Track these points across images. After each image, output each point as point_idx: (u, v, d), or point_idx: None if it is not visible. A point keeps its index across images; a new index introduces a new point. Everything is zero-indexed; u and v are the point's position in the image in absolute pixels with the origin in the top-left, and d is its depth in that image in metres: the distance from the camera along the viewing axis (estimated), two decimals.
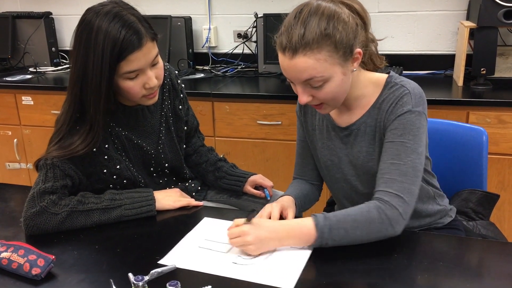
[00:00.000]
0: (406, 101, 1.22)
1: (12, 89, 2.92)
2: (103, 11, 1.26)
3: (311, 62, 1.14)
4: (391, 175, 1.19)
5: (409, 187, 1.18)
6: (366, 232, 1.15)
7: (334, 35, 1.14)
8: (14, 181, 3.07)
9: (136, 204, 1.38)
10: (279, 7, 2.93)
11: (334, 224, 1.14)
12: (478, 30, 2.36)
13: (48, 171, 1.33)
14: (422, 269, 1.09)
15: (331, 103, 1.25)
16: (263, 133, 2.57)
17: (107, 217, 1.34)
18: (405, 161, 1.19)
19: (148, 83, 1.32)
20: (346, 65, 1.19)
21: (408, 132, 1.21)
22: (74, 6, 3.34)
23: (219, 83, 2.80)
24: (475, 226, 1.48)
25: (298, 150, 1.53)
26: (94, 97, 1.29)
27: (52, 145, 1.34)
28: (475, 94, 2.35)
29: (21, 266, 1.09)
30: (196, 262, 1.14)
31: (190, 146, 1.71)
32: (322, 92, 1.20)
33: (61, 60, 3.35)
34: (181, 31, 2.99)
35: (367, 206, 1.18)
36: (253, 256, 1.16)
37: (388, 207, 1.16)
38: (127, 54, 1.25)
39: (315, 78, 1.16)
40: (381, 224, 1.15)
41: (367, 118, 1.30)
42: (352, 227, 1.15)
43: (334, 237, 1.14)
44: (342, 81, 1.20)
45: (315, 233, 1.14)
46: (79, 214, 1.32)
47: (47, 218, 1.29)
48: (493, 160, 2.21)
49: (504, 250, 1.21)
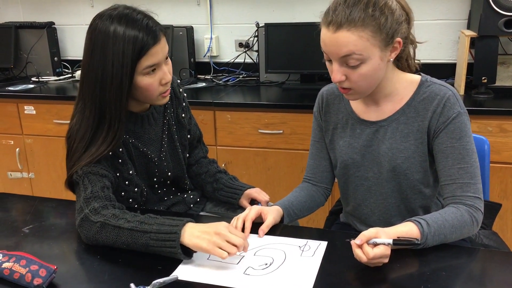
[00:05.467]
0: (454, 102, 1.28)
1: (15, 99, 2.93)
2: (115, 16, 1.30)
3: (354, 38, 1.18)
4: (464, 179, 1.26)
5: (480, 187, 1.27)
6: (459, 235, 1.22)
7: (379, 17, 1.18)
8: (16, 190, 3.07)
9: (160, 235, 1.18)
10: (281, 17, 2.94)
11: (436, 231, 1.18)
12: (478, 39, 2.37)
13: (83, 180, 1.32)
14: (425, 279, 1.08)
15: (361, 89, 1.27)
16: (264, 142, 2.57)
17: (134, 241, 1.20)
18: (470, 163, 1.27)
19: (164, 78, 1.36)
20: (385, 51, 1.23)
21: (464, 135, 1.28)
22: (77, 16, 3.36)
23: (221, 92, 2.81)
24: (478, 236, 1.47)
25: (312, 151, 1.53)
26: (117, 93, 1.31)
27: (77, 156, 1.34)
28: (477, 103, 2.36)
29: (23, 276, 1.09)
30: (207, 275, 1.13)
31: (192, 157, 1.71)
32: (356, 73, 1.22)
33: (63, 70, 3.37)
34: (183, 40, 3.00)
35: (459, 210, 1.24)
36: (264, 266, 1.16)
37: (475, 210, 1.24)
38: (148, 48, 1.30)
39: (353, 55, 1.19)
40: (471, 226, 1.23)
41: (400, 116, 1.33)
42: (450, 232, 1.20)
43: (434, 242, 1.19)
44: (378, 66, 1.23)
45: (420, 239, 1.16)
46: (111, 229, 1.23)
47: (88, 226, 1.26)
48: (495, 169, 2.21)
49: (507, 260, 1.21)
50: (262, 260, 1.19)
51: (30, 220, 1.43)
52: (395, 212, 1.40)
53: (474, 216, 1.24)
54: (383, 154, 1.35)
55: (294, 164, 2.53)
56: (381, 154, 1.35)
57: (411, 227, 1.17)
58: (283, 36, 2.77)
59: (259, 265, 1.16)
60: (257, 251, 1.22)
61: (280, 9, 2.96)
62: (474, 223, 1.24)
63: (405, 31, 1.26)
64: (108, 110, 1.33)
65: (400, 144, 1.33)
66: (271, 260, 1.18)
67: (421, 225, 1.17)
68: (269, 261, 1.18)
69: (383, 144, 1.35)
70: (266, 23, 2.81)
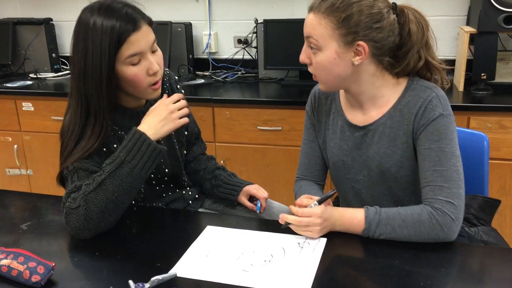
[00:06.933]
0: (436, 105, 1.25)
1: (13, 95, 2.92)
2: (96, 7, 1.31)
3: (315, 22, 1.25)
4: (437, 182, 1.22)
5: (457, 191, 1.22)
6: (414, 233, 1.19)
7: (343, 11, 1.21)
8: (14, 187, 3.06)
9: (133, 151, 1.26)
10: (279, 13, 2.94)
11: (383, 220, 1.19)
12: (478, 35, 2.36)
13: (72, 176, 1.32)
14: (424, 275, 1.08)
15: (321, 79, 1.32)
16: (263, 139, 2.56)
17: (120, 179, 1.25)
18: (447, 166, 1.23)
19: (151, 68, 1.34)
20: (343, 49, 1.24)
21: (444, 137, 1.24)
22: (75, 12, 3.30)
23: (219, 88, 2.81)
24: (477, 233, 1.47)
25: (306, 150, 1.53)
26: (96, 83, 1.30)
27: (68, 151, 1.34)
28: (476, 99, 2.35)
29: (21, 273, 1.09)
30: (206, 272, 1.13)
31: (190, 153, 1.70)
32: (314, 58, 1.28)
33: (61, 66, 3.36)
34: (181, 37, 2.99)
35: (419, 209, 1.22)
36: (263, 263, 1.15)
37: (439, 213, 1.19)
38: (126, 36, 1.28)
39: (311, 38, 1.26)
40: (430, 228, 1.19)
41: (387, 119, 1.32)
42: (399, 226, 1.19)
43: (381, 231, 1.19)
44: (334, 61, 1.25)
45: (363, 224, 1.19)
46: (95, 194, 1.24)
47: (75, 216, 1.25)
48: (494, 165, 2.21)
49: (506, 256, 1.21)
50: (261, 256, 1.18)
51: (28, 217, 1.43)
52: None
53: (436, 219, 1.18)
54: (371, 158, 1.34)
55: (293, 161, 2.52)
56: (370, 158, 1.35)
57: (358, 209, 1.23)
58: (282, 32, 2.77)
59: (258, 261, 1.16)
60: (256, 248, 1.22)
61: (278, 5, 2.95)
62: (436, 227, 1.18)
63: (383, 39, 1.24)
64: (92, 103, 1.32)
65: (387, 148, 1.32)
66: (270, 257, 1.18)
67: (368, 209, 1.21)
68: (268, 258, 1.18)
69: (371, 148, 1.34)
70: (265, 19, 2.80)
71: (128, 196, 1.29)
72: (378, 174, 1.34)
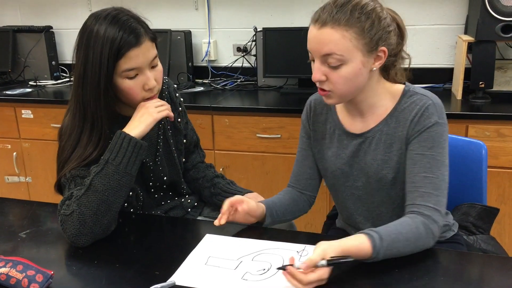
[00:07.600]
0: (432, 112, 1.26)
1: (12, 103, 2.93)
2: (102, 15, 1.32)
3: (337, 37, 1.18)
4: (427, 189, 1.22)
5: (443, 200, 1.23)
6: (414, 248, 1.18)
7: (364, 21, 1.19)
8: (13, 195, 3.06)
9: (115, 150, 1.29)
10: (278, 21, 2.95)
11: (389, 245, 1.13)
12: (476, 44, 2.37)
13: (70, 184, 1.33)
14: (423, 284, 1.08)
15: (339, 92, 1.25)
16: (262, 146, 2.57)
17: (108, 178, 1.27)
18: (437, 174, 1.23)
19: (147, 84, 1.35)
20: (368, 57, 1.22)
21: (437, 145, 1.24)
22: (75, 20, 3.36)
23: (219, 96, 2.81)
24: (476, 241, 1.47)
25: (298, 159, 1.52)
26: (94, 92, 1.31)
27: (66, 157, 1.35)
28: (474, 107, 2.36)
29: (20, 281, 1.08)
30: (205, 280, 1.13)
31: (189, 161, 1.71)
32: (336, 74, 1.22)
33: (61, 74, 3.37)
34: (180, 45, 3.01)
35: (414, 222, 1.18)
36: (262, 271, 1.15)
37: (431, 222, 1.19)
38: (125, 51, 1.29)
39: (334, 54, 1.19)
40: (427, 239, 1.18)
41: (383, 126, 1.32)
42: (404, 245, 1.16)
43: (386, 256, 1.14)
44: (359, 71, 1.22)
45: (371, 254, 1.12)
46: (87, 197, 1.26)
47: (70, 222, 1.26)
48: (493, 174, 2.21)
49: (505, 265, 1.20)
50: (260, 265, 1.18)
51: (27, 225, 1.43)
52: (389, 219, 1.39)
53: (430, 228, 1.18)
54: (369, 165, 1.34)
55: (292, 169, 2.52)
56: (367, 165, 1.34)
57: (362, 240, 1.12)
58: (281, 40, 2.78)
59: (257, 270, 1.16)
60: (255, 256, 1.22)
61: (278, 13, 2.96)
62: (430, 236, 1.18)
63: (393, 43, 1.26)
64: (89, 109, 1.34)
65: (384, 155, 1.32)
66: (269, 265, 1.18)
67: (373, 238, 1.11)
68: (267, 266, 1.17)
69: (368, 155, 1.34)
70: (264, 27, 2.82)
71: (118, 195, 1.30)
72: (376, 181, 1.35)
